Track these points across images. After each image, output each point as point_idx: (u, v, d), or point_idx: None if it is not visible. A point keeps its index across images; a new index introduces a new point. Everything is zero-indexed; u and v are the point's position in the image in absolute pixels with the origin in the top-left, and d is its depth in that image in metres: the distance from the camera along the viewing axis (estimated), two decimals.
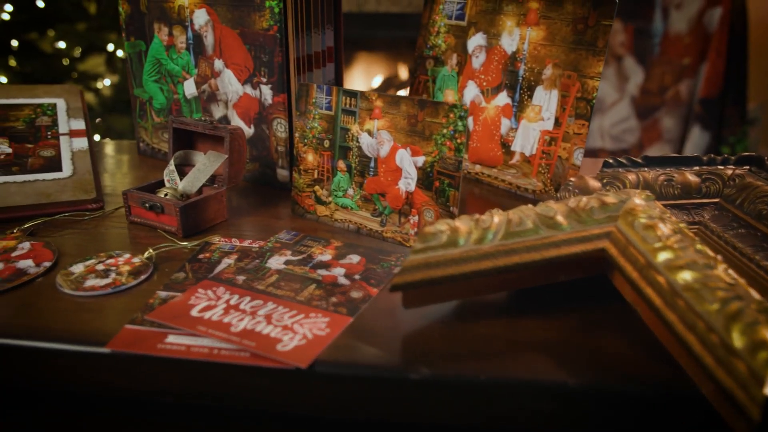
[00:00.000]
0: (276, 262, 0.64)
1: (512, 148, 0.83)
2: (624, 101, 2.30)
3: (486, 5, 0.84)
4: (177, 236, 0.70)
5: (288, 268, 0.63)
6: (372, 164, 0.69)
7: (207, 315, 0.55)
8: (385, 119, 0.67)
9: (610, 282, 0.55)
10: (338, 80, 0.88)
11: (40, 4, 1.80)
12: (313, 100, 0.72)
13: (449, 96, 0.89)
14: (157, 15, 0.86)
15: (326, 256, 0.66)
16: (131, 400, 0.56)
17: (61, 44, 1.79)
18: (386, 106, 0.67)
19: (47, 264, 0.64)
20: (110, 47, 1.90)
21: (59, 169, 0.81)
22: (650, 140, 2.22)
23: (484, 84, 0.85)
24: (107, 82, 2.06)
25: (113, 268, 0.63)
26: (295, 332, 0.53)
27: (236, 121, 0.84)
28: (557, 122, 0.78)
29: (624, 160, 0.75)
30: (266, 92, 0.80)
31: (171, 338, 0.53)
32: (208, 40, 0.82)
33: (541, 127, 0.80)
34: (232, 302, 0.57)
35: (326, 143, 0.72)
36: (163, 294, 0.59)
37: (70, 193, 0.78)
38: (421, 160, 0.66)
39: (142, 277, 0.61)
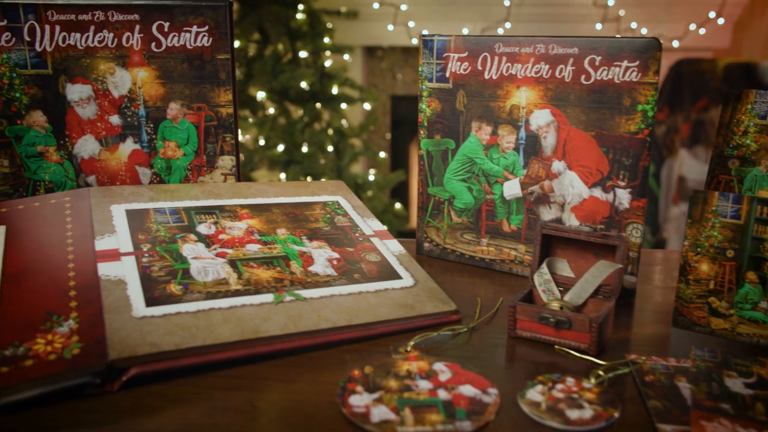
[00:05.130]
0: (736, 386, 0.59)
1: None
2: None
3: None
4: (589, 354, 0.65)
5: (758, 393, 0.58)
6: None
7: None
8: None
9: None
10: None
11: None
12: (713, 208, 0.68)
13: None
14: (479, 114, 0.84)
15: None
16: None
17: None
18: None
19: (492, 391, 0.58)
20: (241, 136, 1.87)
21: (397, 276, 0.76)
22: None
23: None
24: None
25: (574, 395, 0.57)
26: None
27: (574, 225, 0.80)
28: None
29: None
30: (622, 196, 0.76)
31: None
32: (548, 141, 0.80)
33: None
34: None
35: (729, 253, 0.68)
36: (668, 428, 0.53)
37: (431, 304, 0.72)
38: None
39: (619, 407, 0.56)
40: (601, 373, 0.60)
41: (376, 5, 2.70)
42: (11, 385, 0.55)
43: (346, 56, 2.43)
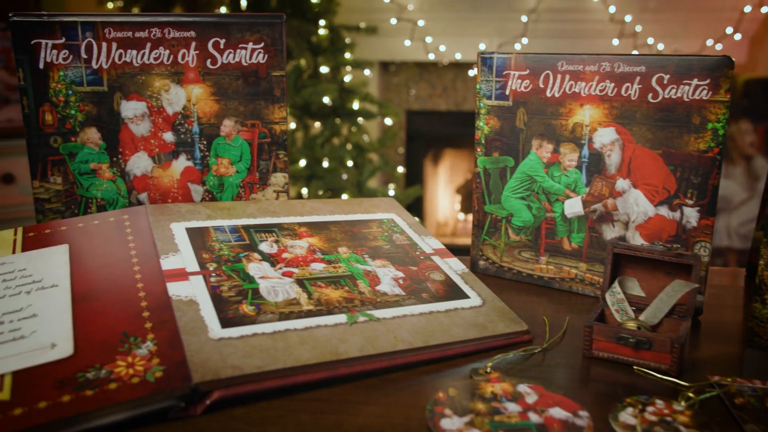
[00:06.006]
0: None
1: None
2: (754, 200, 2.34)
3: None
4: (670, 375, 0.64)
5: None
6: None
7: None
8: None
9: None
10: None
11: None
12: None
13: None
14: (540, 131, 0.83)
15: None
16: None
17: None
18: None
19: (583, 413, 0.57)
20: None
21: (464, 295, 0.76)
22: None
23: None
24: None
25: (668, 418, 0.56)
26: None
27: (638, 243, 0.80)
28: None
29: None
30: (690, 215, 0.76)
31: None
32: (612, 159, 0.79)
33: None
34: None
35: None
36: None
37: (503, 324, 0.72)
38: None
39: (716, 430, 0.55)
40: (691, 395, 0.59)
41: (393, 21, 2.71)
42: (97, 408, 0.54)
43: (366, 71, 2.43)
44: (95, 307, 0.66)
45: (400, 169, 2.51)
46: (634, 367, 0.66)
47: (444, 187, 3.47)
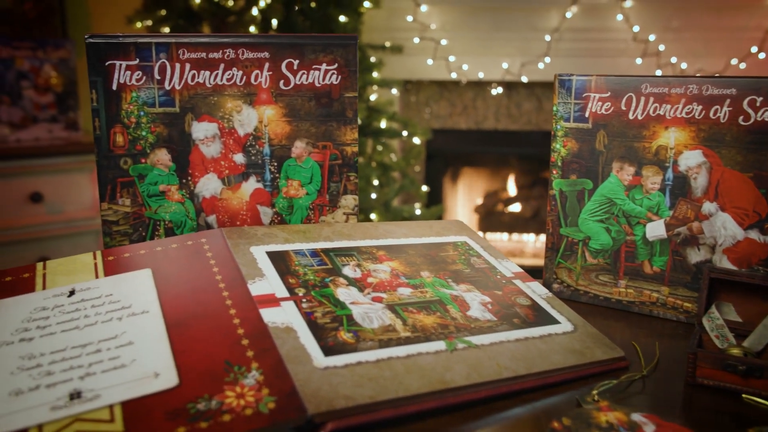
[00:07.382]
0: None
1: None
2: None
3: None
4: None
5: None
6: None
7: None
8: None
9: None
10: None
11: None
12: None
13: None
14: (621, 154, 0.83)
15: None
16: None
17: None
18: None
19: None
20: None
21: (554, 320, 0.74)
22: None
23: None
24: None
25: None
26: None
27: (726, 267, 0.79)
28: None
29: None
30: None
31: None
32: (698, 182, 0.78)
33: None
34: None
35: None
36: None
37: (600, 350, 0.70)
38: None
39: None
40: None
41: (416, 40, 2.72)
42: None
43: (393, 90, 2.42)
44: (191, 334, 0.64)
45: (424, 188, 2.51)
46: (743, 395, 0.65)
47: (462, 206, 3.46)
